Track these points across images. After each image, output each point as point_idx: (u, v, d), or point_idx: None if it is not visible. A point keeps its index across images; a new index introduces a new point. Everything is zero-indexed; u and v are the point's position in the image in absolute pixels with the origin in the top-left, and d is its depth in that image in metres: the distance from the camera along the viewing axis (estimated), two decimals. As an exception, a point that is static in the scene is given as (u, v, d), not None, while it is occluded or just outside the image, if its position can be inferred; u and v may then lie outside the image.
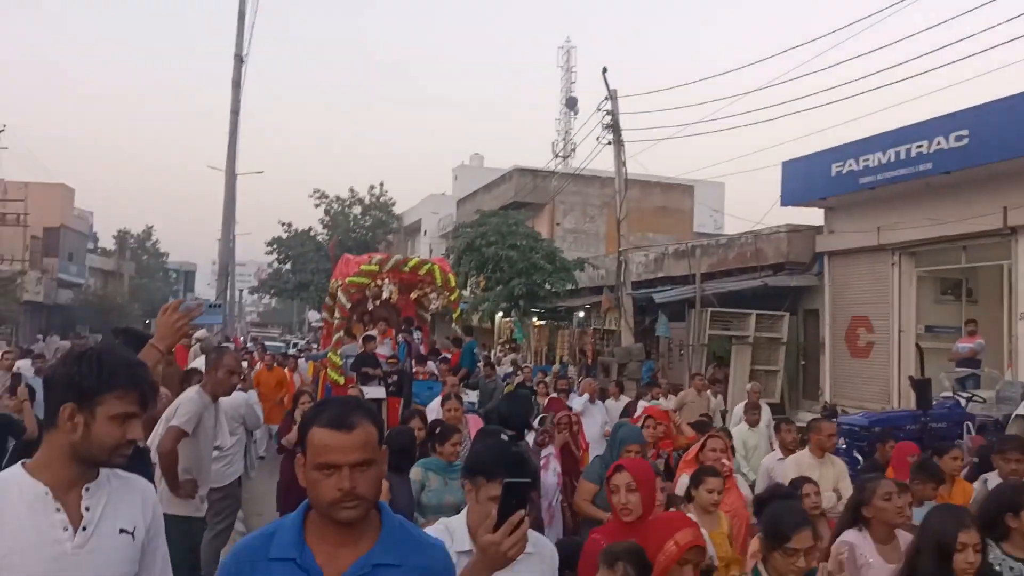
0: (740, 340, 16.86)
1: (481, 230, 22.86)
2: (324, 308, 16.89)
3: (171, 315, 3.32)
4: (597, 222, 30.97)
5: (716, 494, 4.51)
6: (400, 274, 14.79)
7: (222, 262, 23.21)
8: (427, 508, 5.12)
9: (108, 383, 2.13)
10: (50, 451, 2.16)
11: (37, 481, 2.12)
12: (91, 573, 2.12)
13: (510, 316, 26.05)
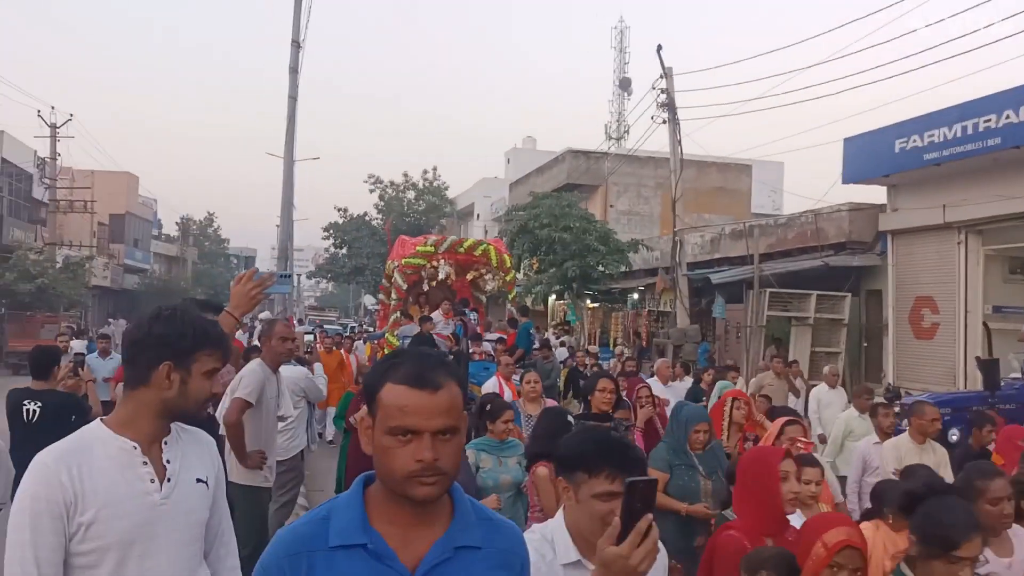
0: (800, 321, 16.58)
1: (534, 212, 22.83)
2: (380, 289, 16.98)
3: (246, 284, 3.44)
4: (651, 203, 30.70)
5: (815, 485, 4.07)
6: (456, 255, 14.78)
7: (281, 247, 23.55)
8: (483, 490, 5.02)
9: (202, 342, 2.29)
10: (136, 408, 2.27)
11: (123, 437, 2.23)
12: (177, 521, 2.24)
13: (563, 298, 26.01)
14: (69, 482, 2.08)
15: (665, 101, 18.98)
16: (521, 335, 14.44)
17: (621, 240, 22.83)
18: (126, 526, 2.14)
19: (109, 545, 2.11)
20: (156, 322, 2.29)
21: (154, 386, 2.26)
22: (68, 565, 2.08)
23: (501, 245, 15.58)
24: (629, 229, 29.22)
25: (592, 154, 30.46)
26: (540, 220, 22.25)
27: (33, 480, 2.07)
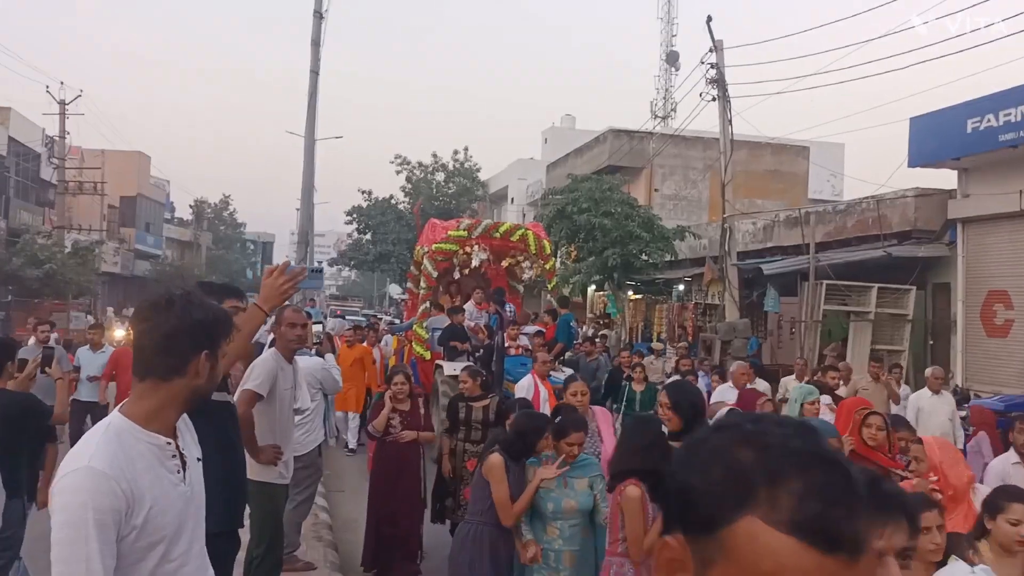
0: (859, 316, 16.44)
1: (572, 196, 22.84)
2: (408, 277, 17.09)
3: (277, 277, 3.59)
4: (699, 187, 30.55)
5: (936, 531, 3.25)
6: (491, 240, 14.70)
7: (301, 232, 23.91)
8: (547, 516, 4.80)
9: (227, 327, 2.44)
10: (165, 399, 2.34)
11: (154, 433, 2.32)
12: (196, 504, 2.40)
13: (603, 289, 25.99)
14: (125, 490, 2.17)
15: (715, 76, 18.88)
16: (561, 328, 14.39)
17: (666, 227, 22.74)
18: (170, 520, 2.27)
19: (156, 542, 2.24)
20: (191, 308, 2.36)
21: (189, 375, 2.34)
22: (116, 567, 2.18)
23: (540, 230, 15.52)
24: (675, 215, 29.06)
25: (635, 134, 30.36)
26: (579, 204, 22.26)
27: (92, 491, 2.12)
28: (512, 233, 14.67)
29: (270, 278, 3.60)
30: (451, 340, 12.94)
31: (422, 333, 13.82)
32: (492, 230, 14.67)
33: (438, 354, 13.42)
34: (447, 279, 15.65)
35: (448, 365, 12.65)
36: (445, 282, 15.72)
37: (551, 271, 15.00)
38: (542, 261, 14.82)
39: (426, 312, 14.19)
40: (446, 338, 13.04)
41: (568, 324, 14.64)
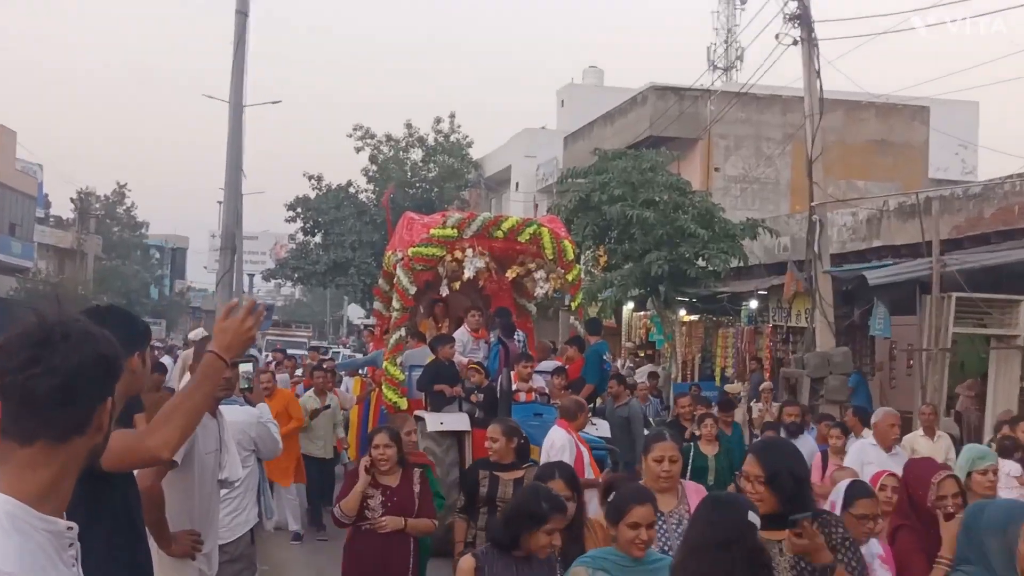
0: (1004, 342, 16.38)
1: (601, 179, 22.84)
2: (376, 294, 17.03)
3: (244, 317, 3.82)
4: (777, 165, 30.56)
5: None
6: (490, 241, 14.48)
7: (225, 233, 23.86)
8: None
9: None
10: (62, 468, 2.33)
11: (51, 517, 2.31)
12: None
13: (645, 308, 25.91)
14: None
15: (797, 11, 18.90)
16: (590, 364, 14.29)
17: (731, 220, 22.73)
18: None
19: None
20: (94, 340, 2.32)
21: (91, 432, 2.34)
22: None
23: (559, 226, 15.51)
24: (743, 204, 29.03)
25: (687, 92, 30.40)
26: (610, 191, 22.27)
27: None
28: (520, 231, 14.54)
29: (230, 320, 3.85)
30: (436, 382, 12.90)
31: (395, 373, 13.74)
32: (492, 227, 14.44)
33: (418, 402, 13.36)
34: (429, 296, 15.55)
35: (432, 417, 12.56)
36: (427, 301, 15.63)
37: (575, 284, 14.90)
38: (562, 270, 14.69)
39: (400, 343, 14.09)
40: (429, 379, 12.99)
41: (600, 357, 14.55)
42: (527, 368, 13.02)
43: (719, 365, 24.11)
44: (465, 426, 12.53)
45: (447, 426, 12.55)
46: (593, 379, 14.17)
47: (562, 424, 9.50)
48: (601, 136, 33.16)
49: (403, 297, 14.27)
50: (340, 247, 46.48)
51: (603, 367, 14.71)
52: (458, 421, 12.63)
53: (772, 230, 23.15)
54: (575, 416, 9.62)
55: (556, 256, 14.62)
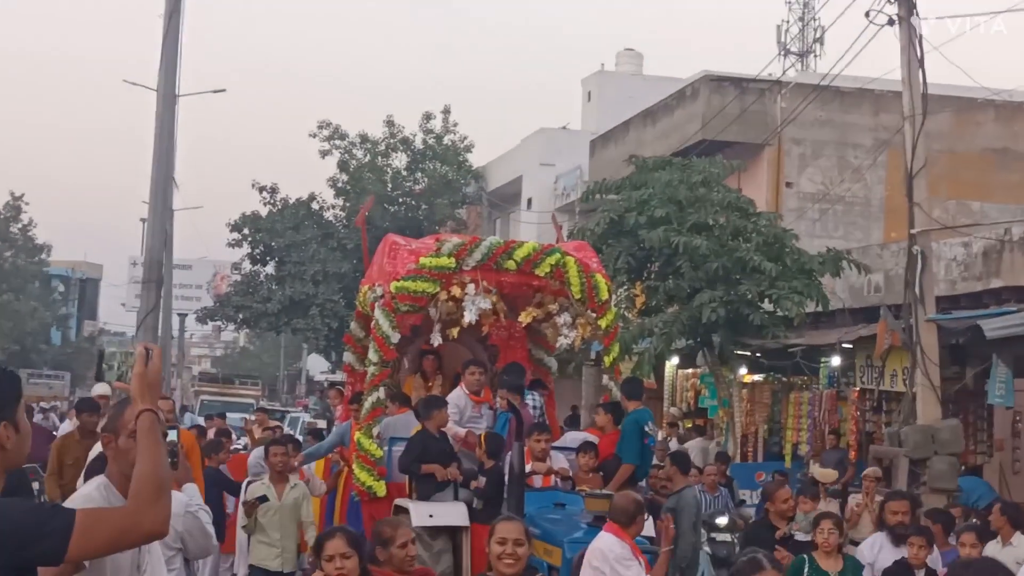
0: None
1: (639, 196, 22.85)
2: (347, 343, 16.86)
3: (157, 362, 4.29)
4: (867, 180, 30.60)
5: None
6: (499, 275, 14.27)
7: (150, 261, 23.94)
8: None
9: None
10: None
11: None
12: None
13: (695, 364, 25.85)
14: None
15: (893, -17, 19.00)
16: (628, 437, 13.73)
17: (807, 252, 22.74)
18: None
19: None
20: None
21: None
22: None
23: (591, 255, 15.34)
24: (823, 230, 29.02)
25: (751, 83, 30.54)
26: (650, 211, 22.29)
27: None
28: (538, 262, 14.27)
29: (143, 366, 4.40)
30: (424, 461, 12.75)
31: (370, 448, 13.53)
32: (501, 256, 14.19)
33: (399, 486, 13.31)
34: (417, 346, 15.54)
35: (419, 508, 12.45)
36: (414, 352, 15.60)
37: (609, 332, 14.79)
38: (593, 314, 14.51)
39: (378, 408, 13.88)
40: (415, 457, 12.82)
41: (641, 429, 13.93)
42: (543, 442, 12.89)
43: (790, 440, 24.02)
44: (462, 521, 12.41)
45: (439, 520, 12.42)
46: (632, 457, 13.69)
47: (612, 529, 9.32)
48: (639, 139, 33.24)
49: (383, 347, 13.92)
50: (299, 280, 46.62)
51: (645, 442, 14.13)
52: (453, 513, 12.50)
53: (860, 264, 23.13)
54: (632, 520, 9.47)
55: (585, 295, 14.36)
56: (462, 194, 49.51)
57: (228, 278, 62.52)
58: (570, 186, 41.17)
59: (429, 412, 13.16)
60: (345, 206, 48.46)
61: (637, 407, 14.47)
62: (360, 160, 49.25)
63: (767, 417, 25.36)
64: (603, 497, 11.33)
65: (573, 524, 11.61)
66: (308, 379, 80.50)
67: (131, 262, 72.82)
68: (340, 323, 46.27)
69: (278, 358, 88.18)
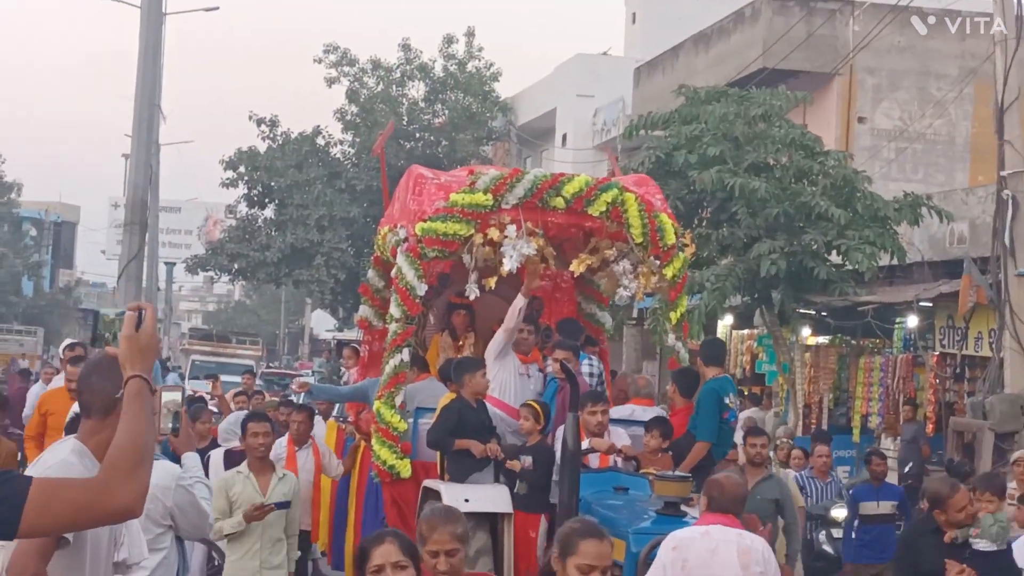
0: None
1: (690, 131, 22.82)
2: (363, 295, 16.09)
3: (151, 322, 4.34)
4: (951, 114, 30.48)
5: None
6: (546, 214, 13.52)
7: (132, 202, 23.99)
8: None
9: None
10: None
11: None
12: None
13: (752, 325, 25.84)
14: None
15: None
16: (704, 409, 13.08)
17: (881, 196, 22.65)
18: None
19: None
20: None
21: None
22: None
23: (654, 190, 14.59)
24: (900, 171, 28.95)
25: (819, 3, 30.44)
26: (702, 149, 22.23)
27: None
28: (592, 199, 13.47)
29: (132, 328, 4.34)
30: (458, 435, 12.19)
31: (392, 419, 12.85)
32: (548, 191, 13.48)
33: (427, 465, 12.89)
34: (444, 299, 15.12)
35: (453, 492, 11.67)
36: (442, 306, 15.20)
37: (677, 283, 14.03)
38: (658, 261, 13.80)
39: (401, 372, 13.23)
40: (447, 430, 12.21)
41: (720, 401, 13.31)
42: (599, 414, 12.34)
43: (859, 411, 24.02)
44: (504, 507, 11.91)
45: (476, 506, 11.72)
46: (709, 435, 13.08)
47: (728, 522, 8.57)
48: (690, 67, 33.17)
49: (406, 300, 13.30)
50: (302, 225, 46.55)
51: (724, 416, 13.44)
52: (493, 498, 12.02)
53: (942, 211, 23.05)
54: (743, 507, 8.87)
55: (648, 238, 13.63)
56: (487, 129, 49.40)
57: (221, 222, 62.80)
58: (611, 120, 41.11)
59: (464, 376, 12.50)
60: (355, 142, 48.34)
61: (717, 375, 13.86)
62: (372, 89, 49.12)
63: (833, 385, 25.37)
64: (678, 480, 10.69)
65: (639, 512, 10.87)
66: (312, 338, 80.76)
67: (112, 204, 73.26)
68: (348, 274, 46.41)
69: (278, 314, 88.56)
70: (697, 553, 8.32)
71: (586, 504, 10.77)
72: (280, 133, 48.50)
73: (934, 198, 23.56)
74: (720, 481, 8.92)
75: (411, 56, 49.45)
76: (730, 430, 13.95)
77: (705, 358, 14.07)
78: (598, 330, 15.81)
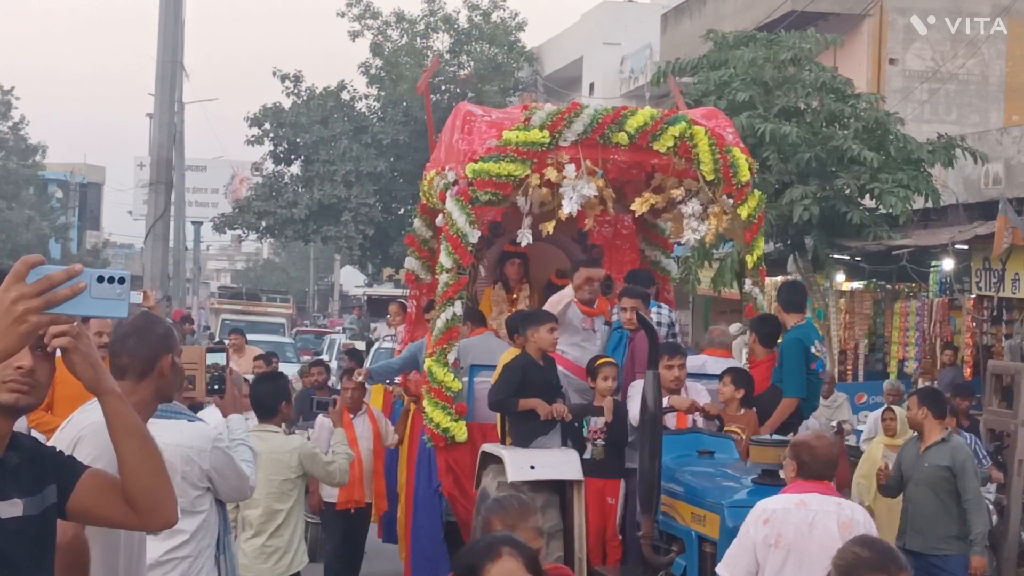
0: None
1: (718, 77, 22.77)
2: (408, 244, 15.47)
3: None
4: (984, 54, 30.30)
5: None
6: (605, 151, 12.82)
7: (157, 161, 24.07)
8: None
9: None
10: None
11: None
12: None
13: (785, 271, 25.78)
14: None
15: None
16: (789, 361, 12.30)
17: (914, 139, 22.57)
18: None
19: None
20: None
21: None
22: None
23: (725, 123, 13.86)
24: (933, 113, 28.85)
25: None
26: (732, 94, 22.18)
27: None
28: (658, 133, 12.69)
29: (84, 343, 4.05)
30: (521, 395, 11.43)
31: (444, 378, 12.18)
32: (610, 126, 12.73)
33: (484, 428, 12.24)
34: (497, 248, 14.30)
35: (516, 458, 11.03)
36: (492, 255, 14.40)
37: (753, 224, 13.32)
38: (731, 200, 13.01)
39: (454, 327, 12.57)
40: (509, 390, 11.50)
41: (806, 351, 12.43)
42: (676, 368, 11.46)
43: (895, 356, 23.97)
44: (574, 474, 11.09)
45: (542, 473, 11.05)
46: (797, 389, 12.21)
47: (822, 488, 7.90)
48: (718, 12, 33.05)
49: (458, 248, 12.63)
50: (329, 181, 46.52)
51: (812, 367, 12.53)
52: (561, 464, 11.20)
53: (976, 153, 22.98)
54: (835, 471, 8.25)
55: (720, 175, 12.86)
56: (514, 79, 49.25)
57: (248, 180, 62.68)
58: (638, 68, 41.03)
59: (529, 330, 11.71)
60: (380, 95, 48.28)
61: (799, 321, 12.93)
62: (396, 42, 49.10)
63: (868, 330, 25.34)
64: (777, 445, 9.55)
65: (733, 481, 9.98)
66: (342, 294, 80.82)
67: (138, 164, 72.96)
68: (376, 230, 46.54)
69: (307, 271, 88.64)
70: (794, 526, 7.65)
71: (668, 471, 10.20)
72: (304, 89, 48.51)
73: (968, 139, 23.50)
74: (809, 443, 8.18)
75: (435, 7, 49.39)
76: (819, 381, 13.18)
77: (785, 303, 13.13)
78: (664, 278, 15.02)
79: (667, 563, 9.85)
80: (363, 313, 54.02)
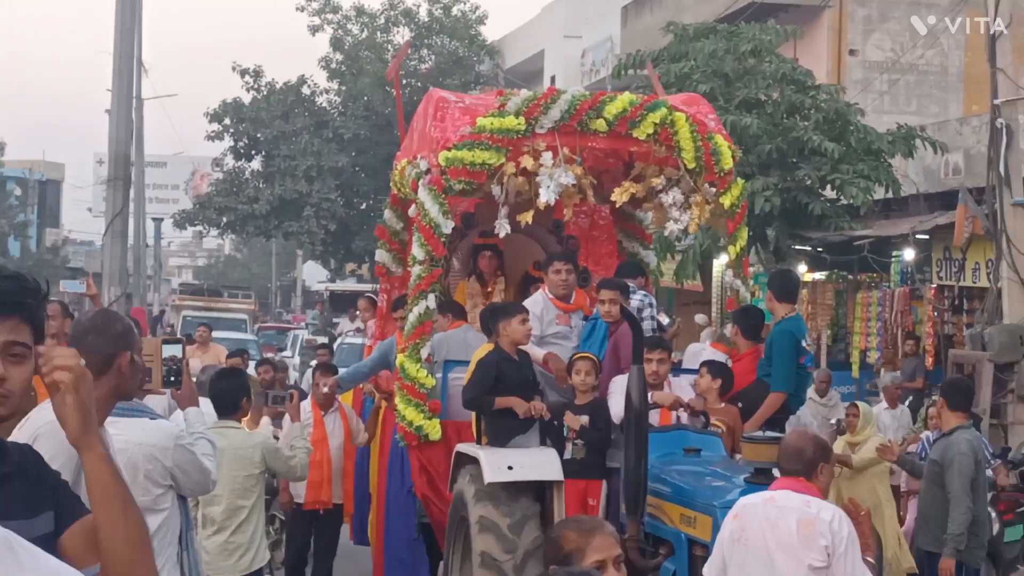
0: None
1: (679, 69, 22.81)
2: (379, 237, 15.12)
3: None
4: (943, 44, 30.43)
5: None
6: (584, 139, 12.42)
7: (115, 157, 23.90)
8: None
9: None
10: None
11: None
12: None
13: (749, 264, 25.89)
14: None
15: None
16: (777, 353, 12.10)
17: (874, 129, 22.66)
18: None
19: None
20: None
21: None
22: None
23: (707, 109, 13.42)
24: (893, 104, 28.93)
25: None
26: (692, 86, 22.22)
27: None
28: (638, 119, 12.31)
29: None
30: (497, 392, 10.95)
31: (418, 374, 11.79)
32: (588, 113, 12.34)
33: (459, 426, 11.85)
34: (469, 239, 13.98)
35: (493, 458, 10.58)
36: (465, 247, 14.08)
37: (736, 214, 12.94)
38: (713, 188, 12.62)
39: (427, 321, 12.16)
40: (484, 386, 11.03)
41: (796, 344, 12.10)
42: (654, 362, 10.96)
43: (857, 346, 24.07)
44: (554, 474, 10.61)
45: (520, 474, 10.57)
46: (785, 383, 11.78)
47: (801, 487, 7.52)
48: (678, 4, 33.08)
49: (431, 240, 12.22)
50: (290, 176, 46.50)
51: (801, 361, 12.19)
52: (540, 464, 10.74)
53: (936, 143, 23.08)
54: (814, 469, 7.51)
55: (702, 163, 12.44)
56: (475, 73, 49.34)
57: (209, 176, 62.55)
58: (599, 61, 41.03)
59: (501, 323, 11.22)
60: (340, 90, 48.31)
61: (789, 312, 12.52)
62: (356, 36, 49.12)
63: (831, 320, 25.40)
64: (771, 442, 8.88)
65: (724, 480, 9.67)
66: (305, 290, 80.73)
67: (97, 160, 72.82)
68: (338, 225, 46.53)
69: (269, 267, 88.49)
70: (758, 522, 7.43)
71: (654, 471, 9.81)
72: (264, 84, 48.50)
73: (928, 129, 23.62)
74: (784, 439, 8.07)
75: (395, 1, 49.37)
76: (807, 376, 13.00)
77: (778, 292, 12.65)
78: (645, 269, 14.41)
79: (655, 567, 9.54)
80: (326, 308, 53.94)
